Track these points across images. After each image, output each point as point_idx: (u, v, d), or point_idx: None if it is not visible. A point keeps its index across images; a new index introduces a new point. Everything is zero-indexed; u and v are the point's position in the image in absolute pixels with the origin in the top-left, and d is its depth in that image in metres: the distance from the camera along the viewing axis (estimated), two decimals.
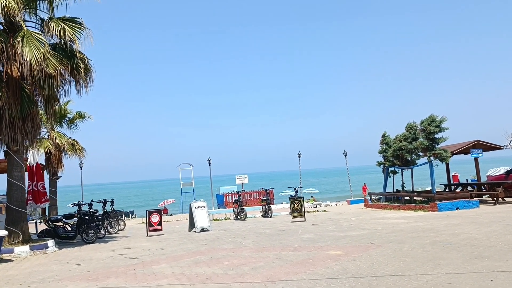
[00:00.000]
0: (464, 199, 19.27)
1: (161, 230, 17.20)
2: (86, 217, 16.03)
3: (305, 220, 18.60)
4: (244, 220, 21.58)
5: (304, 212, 18.87)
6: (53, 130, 27.00)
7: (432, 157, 20.03)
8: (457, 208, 18.82)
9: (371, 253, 9.30)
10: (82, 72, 14.06)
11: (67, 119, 28.18)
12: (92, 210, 17.66)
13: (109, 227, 18.93)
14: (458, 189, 24.60)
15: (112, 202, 20.87)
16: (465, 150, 22.92)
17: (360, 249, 9.89)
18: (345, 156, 36.36)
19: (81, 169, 33.03)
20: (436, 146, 20.09)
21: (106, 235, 17.89)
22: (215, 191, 39.71)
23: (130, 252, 12.29)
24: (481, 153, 22.85)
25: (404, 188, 23.27)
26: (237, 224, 19.38)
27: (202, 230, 17.05)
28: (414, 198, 21.67)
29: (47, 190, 20.38)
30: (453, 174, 37.47)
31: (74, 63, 14.01)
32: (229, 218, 23.19)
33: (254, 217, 23.53)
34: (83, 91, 15.28)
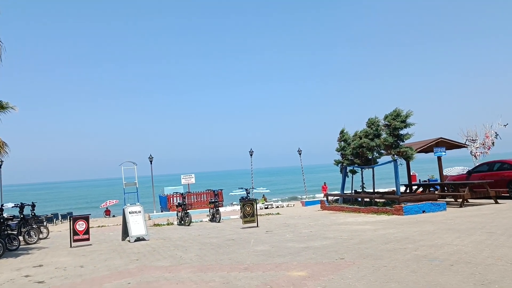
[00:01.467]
0: (430, 201, 17.96)
1: (88, 239, 14.72)
2: None
3: (257, 226, 16.64)
4: (188, 225, 19.36)
5: (257, 216, 16.90)
6: None
7: (396, 156, 18.60)
8: (423, 211, 17.46)
9: (344, 274, 7.42)
10: None
11: None
12: (1, 216, 14.91)
13: (26, 236, 16.19)
14: (419, 190, 23.49)
15: (33, 206, 18.11)
16: (427, 148, 21.76)
17: (329, 268, 7.99)
18: (300, 154, 34.81)
19: (0, 168, 29.54)
20: (401, 144, 18.69)
21: (22, 246, 15.23)
22: (159, 192, 37.18)
23: (40, 272, 9.84)
24: (445, 152, 21.79)
25: (364, 189, 21.82)
26: (180, 231, 17.14)
27: (138, 239, 14.72)
28: (375, 200, 20.23)
29: None
30: (411, 174, 36.85)
31: None
32: (172, 223, 20.92)
33: (201, 221, 21.38)
34: None
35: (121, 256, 11.56)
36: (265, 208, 40.53)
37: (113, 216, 42.67)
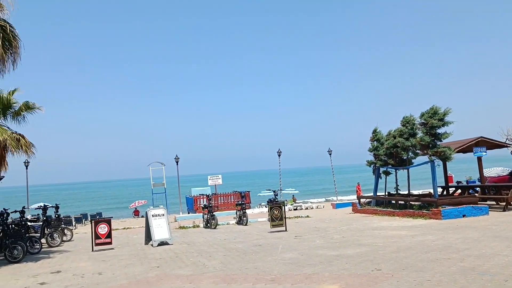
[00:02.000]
0: (471, 205, 16.87)
1: (110, 243, 14.30)
2: (12, 229, 13.00)
3: (286, 230, 15.92)
4: (214, 228, 18.80)
5: (285, 220, 16.19)
6: None
7: (433, 156, 17.56)
8: (463, 216, 16.40)
9: None
10: (0, 42, 11.08)
11: (12, 110, 24.84)
12: (24, 218, 14.67)
13: (49, 239, 15.93)
14: (457, 192, 22.32)
15: (57, 207, 17.87)
16: (466, 148, 20.56)
17: (364, 282, 7.23)
18: (330, 154, 33.86)
19: (26, 168, 29.65)
20: (438, 143, 17.64)
21: (44, 249, 14.96)
22: (186, 193, 36.85)
23: (56, 280, 9.40)
24: (485, 152, 20.54)
25: (399, 191, 20.81)
26: (205, 235, 16.58)
27: (161, 243, 14.22)
28: (411, 203, 19.21)
29: None
30: (447, 175, 35.42)
31: None
32: (198, 226, 20.40)
33: (227, 224, 20.80)
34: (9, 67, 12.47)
35: (142, 262, 11.04)
36: (294, 209, 39.71)
37: (142, 216, 42.63)
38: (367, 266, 8.54)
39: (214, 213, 19.43)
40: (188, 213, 30.23)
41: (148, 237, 14.55)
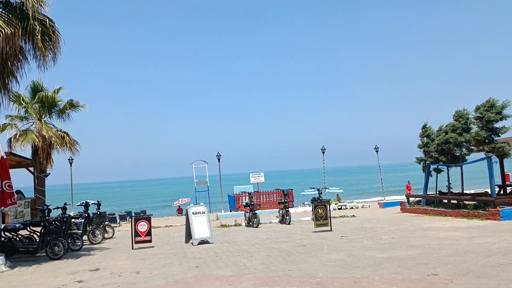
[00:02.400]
0: None
1: (150, 241, 14.09)
2: (53, 225, 13.01)
3: (331, 230, 15.26)
4: (256, 227, 18.35)
5: (330, 219, 15.51)
6: (41, 120, 24.17)
7: (490, 152, 16.41)
8: None
9: None
10: (39, 36, 11.00)
11: (57, 108, 25.30)
12: (66, 215, 14.71)
13: (91, 236, 15.94)
14: None
15: (99, 204, 17.93)
16: None
17: (421, 287, 6.56)
18: (377, 151, 32.69)
19: (71, 165, 30.10)
20: (496, 138, 16.48)
21: (86, 246, 14.95)
22: (228, 191, 36.67)
23: (93, 278, 9.18)
24: None
25: (451, 190, 19.67)
26: (247, 234, 16.15)
27: (202, 242, 13.89)
28: (464, 202, 18.09)
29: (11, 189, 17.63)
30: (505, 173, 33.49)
31: (27, 25, 10.95)
32: (240, 224, 20.01)
33: (270, 223, 20.31)
34: (50, 63, 12.42)
35: (181, 261, 10.70)
36: (339, 209, 38.74)
37: (185, 214, 42.73)
38: (422, 270, 7.82)
39: (256, 211, 18.99)
40: (230, 211, 29.94)
41: (189, 235, 14.25)
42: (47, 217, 13.00)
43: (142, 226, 14.01)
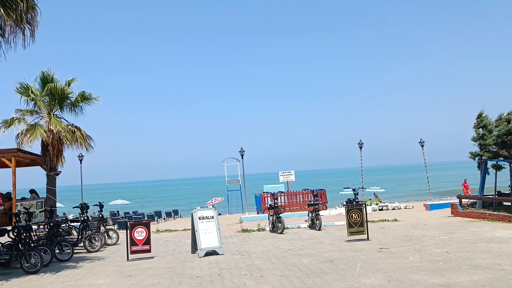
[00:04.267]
0: None
1: (148, 250, 11.95)
2: (26, 233, 11.00)
3: (368, 239, 12.69)
4: (281, 233, 15.95)
5: (367, 225, 12.95)
6: (50, 114, 22.52)
7: None
8: None
9: None
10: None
11: (69, 101, 23.62)
12: (54, 219, 12.80)
13: (87, 242, 13.95)
14: None
15: (101, 206, 16.00)
16: None
17: None
18: (422, 146, 29.53)
19: (80, 163, 28.36)
20: None
21: (80, 255, 13.02)
22: (257, 191, 34.41)
23: None
24: None
25: None
26: (267, 242, 13.77)
27: (209, 252, 11.65)
28: None
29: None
30: None
31: None
32: (264, 229, 17.67)
33: (298, 227, 17.89)
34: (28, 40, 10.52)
35: (172, 281, 8.47)
36: (379, 209, 35.83)
37: (219, 214, 41.41)
38: None
39: (280, 214, 16.60)
40: (257, 213, 27.63)
41: (195, 245, 12.03)
42: (19, 223, 11.08)
43: (140, 234, 11.89)
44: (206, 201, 57.48)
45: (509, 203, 16.74)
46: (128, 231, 11.89)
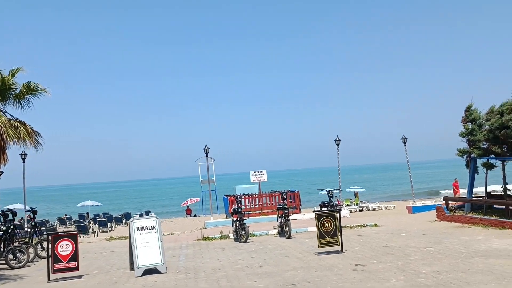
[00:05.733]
0: None
1: (75, 268, 9.87)
2: None
3: (342, 251, 10.82)
4: (245, 242, 14.00)
5: (341, 235, 11.06)
6: None
7: None
8: None
9: None
10: None
11: (13, 93, 21.24)
12: None
13: (10, 256, 11.77)
14: None
15: (34, 212, 13.85)
16: None
17: None
18: (405, 143, 27.83)
19: (23, 162, 25.86)
20: None
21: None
22: (228, 191, 32.41)
23: None
24: None
25: (508, 192, 15.04)
26: (224, 255, 11.77)
27: (149, 270, 9.63)
28: None
29: None
30: None
31: None
32: (227, 237, 15.71)
33: (266, 234, 16.00)
34: None
35: None
36: (360, 210, 34.23)
37: (195, 215, 39.76)
38: None
39: (245, 220, 14.63)
40: (226, 217, 25.59)
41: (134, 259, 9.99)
42: None
43: (64, 248, 9.80)
44: (181, 202, 55.51)
45: (501, 206, 15.07)
46: (50, 245, 9.80)
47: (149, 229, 10.00)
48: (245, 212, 14.81)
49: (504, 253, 9.39)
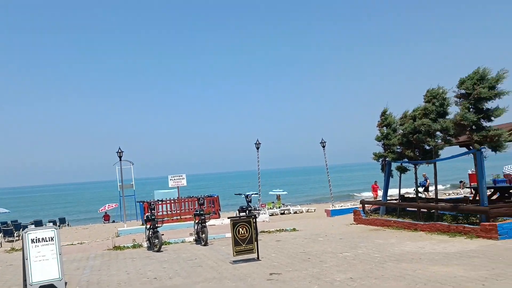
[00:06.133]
0: None
1: None
2: None
3: (258, 259, 10.44)
4: (158, 251, 13.27)
5: (257, 242, 10.69)
6: None
7: (481, 143, 12.15)
8: None
9: None
10: None
11: None
12: None
13: None
14: (495, 196, 16.95)
15: None
16: None
17: None
18: (323, 146, 28.19)
19: None
20: (486, 125, 12.26)
21: None
22: (149, 197, 31.31)
23: None
24: None
25: (420, 194, 15.44)
26: (133, 267, 10.97)
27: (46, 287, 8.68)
28: (442, 212, 13.92)
29: None
30: (469, 172, 30.16)
31: None
32: (141, 245, 14.88)
33: (182, 242, 15.36)
34: None
35: None
36: (281, 213, 34.35)
37: (113, 221, 38.11)
38: None
39: (158, 227, 13.89)
40: (142, 224, 24.57)
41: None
42: None
43: None
44: (99, 208, 53.10)
45: (414, 209, 15.45)
46: None
47: (46, 241, 9.01)
48: (159, 219, 14.03)
49: (416, 257, 9.43)
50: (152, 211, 14.21)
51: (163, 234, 14.27)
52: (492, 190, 16.95)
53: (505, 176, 28.30)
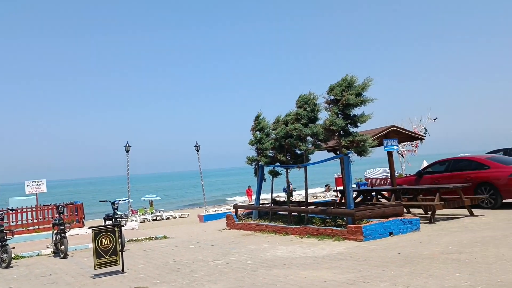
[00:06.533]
0: (398, 217, 12.25)
1: None
2: None
3: (122, 271, 9.61)
4: (7, 267, 11.68)
5: (122, 253, 9.84)
6: None
7: (348, 147, 12.58)
8: (390, 234, 11.71)
9: None
10: None
11: None
12: None
13: None
14: (359, 199, 17.87)
15: None
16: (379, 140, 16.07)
17: None
18: (197, 150, 27.73)
19: None
20: (353, 131, 12.74)
21: None
22: (1, 205, 28.27)
23: None
24: (397, 145, 16.43)
25: (292, 198, 15.65)
26: None
27: None
28: (311, 215, 14.22)
29: None
30: (335, 176, 31.72)
31: None
32: None
33: (38, 255, 13.82)
34: None
35: None
36: (153, 220, 33.26)
37: None
38: None
39: (8, 239, 12.25)
40: None
41: None
42: None
43: None
44: None
45: (285, 212, 15.64)
46: None
47: None
48: (7, 231, 12.39)
49: (287, 262, 9.33)
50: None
51: (13, 248, 12.65)
52: (356, 193, 17.81)
53: (367, 180, 30.36)
